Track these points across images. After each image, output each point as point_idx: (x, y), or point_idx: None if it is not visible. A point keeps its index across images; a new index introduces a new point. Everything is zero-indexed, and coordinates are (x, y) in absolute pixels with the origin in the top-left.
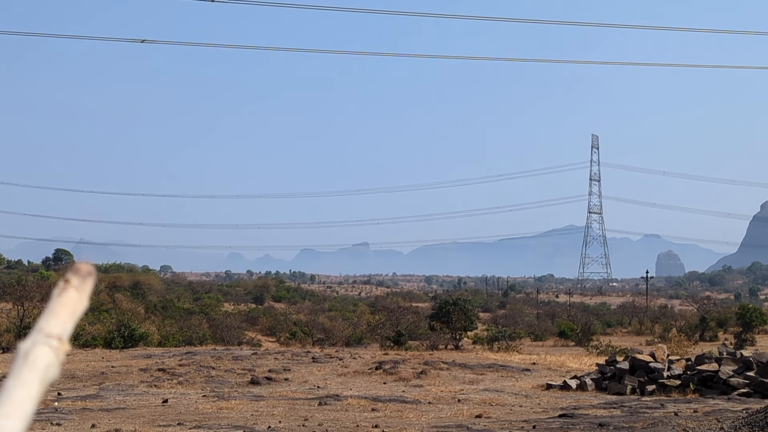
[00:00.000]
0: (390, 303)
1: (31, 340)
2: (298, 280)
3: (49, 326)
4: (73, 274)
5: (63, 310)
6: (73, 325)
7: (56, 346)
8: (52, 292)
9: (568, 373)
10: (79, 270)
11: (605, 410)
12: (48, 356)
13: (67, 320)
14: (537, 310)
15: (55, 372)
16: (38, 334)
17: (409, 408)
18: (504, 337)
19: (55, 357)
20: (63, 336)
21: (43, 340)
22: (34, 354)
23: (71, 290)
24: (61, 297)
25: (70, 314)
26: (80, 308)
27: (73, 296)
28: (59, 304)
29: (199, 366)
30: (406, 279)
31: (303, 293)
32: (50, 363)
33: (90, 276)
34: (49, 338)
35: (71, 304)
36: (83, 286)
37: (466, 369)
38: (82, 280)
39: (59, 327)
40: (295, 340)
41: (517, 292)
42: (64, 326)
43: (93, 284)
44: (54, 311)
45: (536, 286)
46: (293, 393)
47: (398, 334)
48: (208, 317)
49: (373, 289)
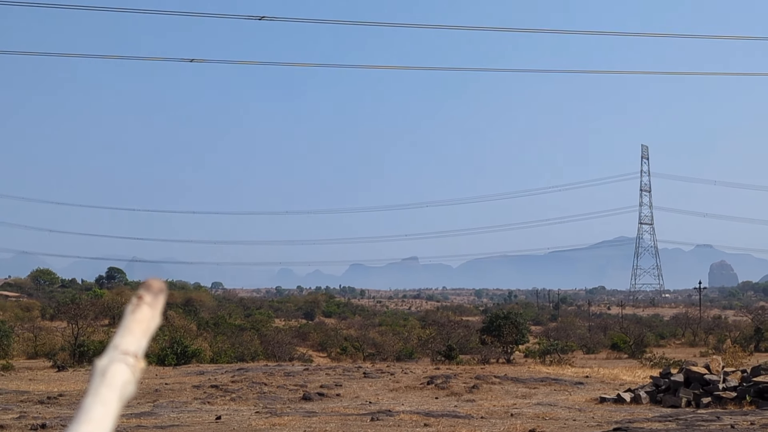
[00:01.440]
0: (440, 317)
1: (108, 358)
2: (348, 295)
3: (125, 343)
4: (145, 291)
5: (137, 327)
6: (147, 341)
7: (132, 364)
8: (125, 309)
9: (621, 386)
10: (151, 286)
11: (660, 423)
12: (125, 373)
13: (142, 337)
14: (589, 323)
15: (132, 389)
16: (114, 352)
17: (462, 423)
18: (556, 350)
19: (131, 374)
20: (138, 353)
21: (120, 357)
22: (111, 372)
23: (145, 307)
24: (134, 314)
25: (144, 331)
26: (153, 325)
27: (146, 313)
28: (133, 321)
29: (252, 382)
30: (456, 293)
31: (353, 308)
32: (127, 380)
33: (162, 292)
34: (125, 355)
35: (145, 320)
36: (156, 303)
37: (518, 383)
38: (155, 297)
39: (134, 344)
40: (346, 356)
41: (568, 305)
42: (139, 343)
43: (165, 300)
44: (129, 328)
45: (587, 298)
46: (345, 409)
47: (449, 348)
48: (260, 333)
49: (423, 303)
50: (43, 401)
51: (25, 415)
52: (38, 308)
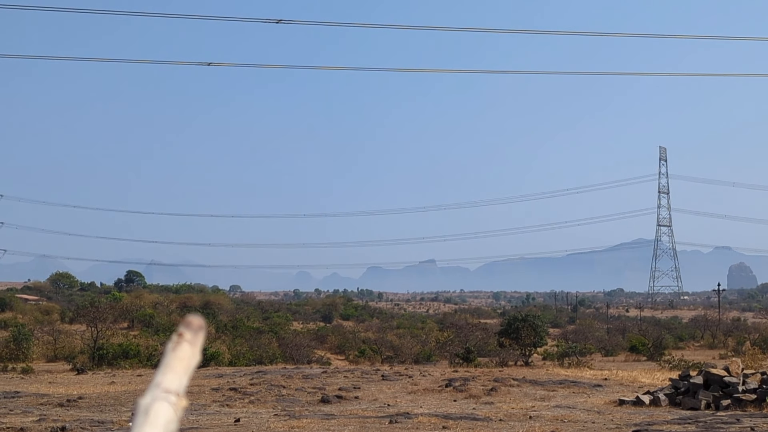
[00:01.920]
0: (458, 320)
1: (150, 396)
2: (366, 298)
3: (167, 381)
4: (185, 328)
5: (178, 364)
6: (187, 379)
7: (174, 402)
8: (165, 347)
9: (640, 388)
10: (191, 324)
11: (680, 426)
12: (168, 412)
13: (183, 375)
14: (607, 325)
15: (174, 428)
16: (156, 390)
17: (480, 425)
18: (574, 352)
19: (173, 413)
20: (180, 391)
21: (162, 396)
22: (154, 410)
23: (185, 344)
24: (175, 351)
25: (185, 369)
26: (193, 362)
27: (187, 350)
28: (174, 359)
29: (270, 385)
30: (474, 295)
31: (371, 311)
32: (170, 419)
33: (201, 330)
34: (167, 394)
35: (186, 358)
36: (195, 340)
37: (536, 385)
38: (195, 334)
39: (176, 382)
40: (364, 358)
41: (586, 307)
42: (180, 381)
43: (204, 338)
44: (170, 366)
45: (606, 300)
46: (363, 411)
47: (467, 350)
48: (278, 336)
49: (441, 306)
50: (63, 404)
51: (45, 417)
52: (58, 311)
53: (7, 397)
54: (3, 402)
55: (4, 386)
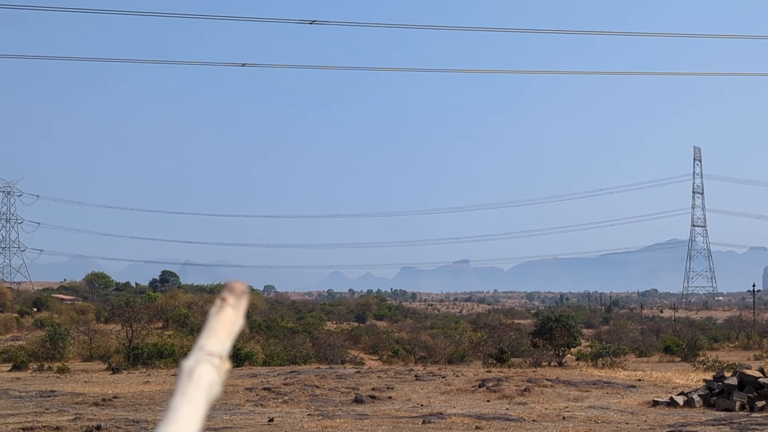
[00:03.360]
0: (492, 320)
1: (194, 358)
2: (400, 298)
3: (210, 344)
4: (229, 293)
5: (222, 328)
6: (231, 343)
7: (218, 365)
8: (209, 311)
9: (674, 389)
10: (234, 289)
11: (714, 427)
12: (211, 374)
13: (226, 339)
14: (641, 326)
15: (218, 390)
16: (200, 353)
17: (514, 426)
18: (608, 353)
19: (217, 375)
20: (223, 354)
21: (206, 358)
22: (198, 372)
23: (228, 309)
24: (219, 315)
25: (228, 332)
26: (237, 326)
27: (230, 315)
28: (218, 323)
29: (304, 385)
30: (508, 296)
31: (404, 311)
32: (213, 381)
33: (244, 295)
34: (211, 356)
35: (229, 322)
36: (239, 305)
37: (570, 386)
38: (238, 299)
39: (219, 345)
40: (398, 358)
41: (620, 308)
42: (223, 345)
43: (247, 303)
44: (213, 330)
45: (640, 301)
46: (397, 411)
47: (501, 351)
48: (312, 336)
49: (475, 306)
50: (98, 403)
51: (81, 416)
52: (93, 311)
53: (43, 396)
54: (39, 401)
55: (41, 385)
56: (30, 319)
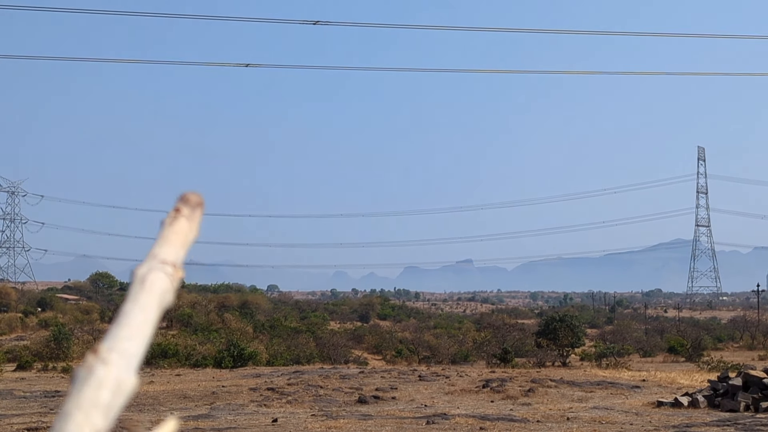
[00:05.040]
0: (495, 320)
1: (147, 266)
2: (403, 298)
3: (164, 253)
4: (183, 204)
5: (175, 238)
6: (185, 253)
7: (171, 273)
8: (163, 221)
9: (679, 389)
10: (189, 200)
11: (719, 428)
12: (164, 282)
13: (180, 248)
14: (645, 326)
15: (171, 298)
16: (153, 261)
17: (518, 427)
18: (612, 353)
19: (170, 283)
20: (177, 263)
21: (159, 266)
22: (150, 279)
23: (182, 219)
24: (172, 226)
25: (183, 243)
26: (191, 237)
27: (184, 225)
28: (172, 233)
29: (308, 385)
30: (511, 295)
31: (408, 311)
32: (166, 288)
33: (199, 206)
34: (164, 264)
35: (183, 232)
36: (193, 216)
37: (574, 386)
38: (192, 210)
39: (173, 254)
40: (401, 358)
41: (624, 308)
42: (177, 254)
43: (202, 214)
44: (167, 239)
45: (644, 301)
46: (401, 412)
47: (504, 351)
48: (315, 336)
49: (478, 306)
50: None
51: None
52: (97, 311)
53: (47, 397)
54: (44, 401)
55: (45, 385)
56: (34, 318)
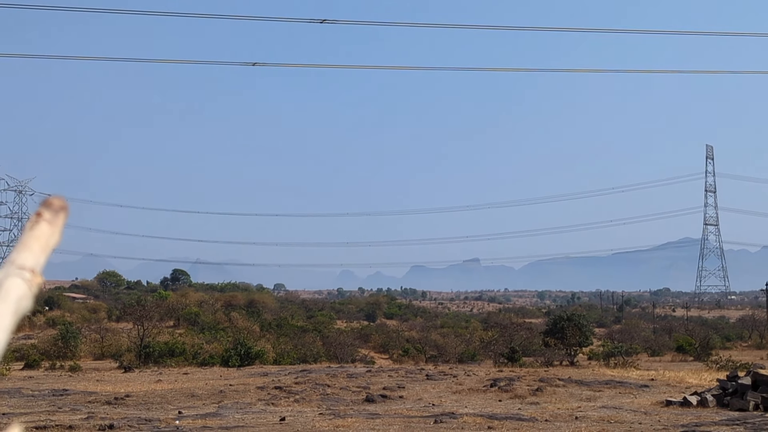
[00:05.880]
0: (502, 319)
1: (4, 272)
2: (410, 297)
3: (22, 259)
4: (45, 208)
5: (35, 243)
6: (45, 258)
7: (29, 278)
8: (24, 226)
9: (687, 389)
10: (51, 204)
11: (728, 427)
12: (21, 288)
13: (40, 253)
14: (653, 325)
15: (29, 304)
16: (11, 267)
17: (526, 426)
18: (620, 352)
19: (28, 289)
20: (36, 268)
21: (16, 272)
22: (6, 285)
23: (43, 224)
24: (33, 230)
25: (43, 247)
26: (52, 242)
27: (45, 230)
28: (31, 237)
29: (315, 384)
30: (518, 294)
31: (414, 310)
32: (23, 294)
33: (63, 210)
34: (22, 270)
35: (44, 237)
36: (56, 220)
37: (582, 386)
38: (55, 214)
39: (32, 260)
40: (408, 357)
41: (632, 307)
42: (37, 259)
43: (65, 219)
44: (27, 244)
45: (652, 300)
46: (408, 411)
47: (512, 350)
48: (322, 335)
49: (485, 305)
50: (111, 402)
51: (93, 415)
52: (105, 310)
53: (55, 395)
54: (52, 400)
55: (53, 384)
56: (42, 317)
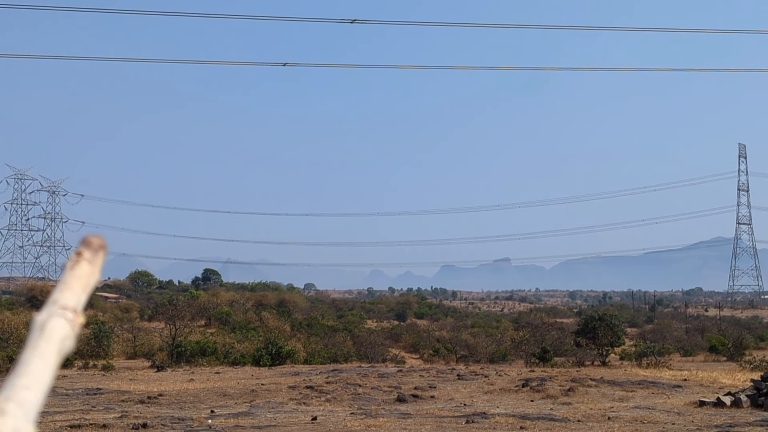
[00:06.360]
0: (534, 319)
1: (47, 312)
2: (440, 297)
3: (64, 299)
4: (85, 248)
5: (77, 282)
6: (86, 297)
7: (72, 318)
8: (65, 265)
9: (721, 389)
10: (91, 243)
11: (762, 428)
12: (64, 328)
13: (81, 293)
14: (686, 325)
15: (71, 344)
16: (53, 306)
17: (559, 426)
18: (652, 352)
19: (70, 329)
20: (77, 308)
21: (59, 312)
22: (50, 326)
23: (84, 263)
24: (74, 270)
25: (84, 287)
26: (93, 281)
27: (86, 269)
28: (73, 277)
29: (346, 383)
30: (549, 294)
31: (445, 310)
32: (66, 335)
33: (102, 249)
34: (64, 310)
35: (84, 277)
36: (95, 260)
37: (615, 386)
38: (94, 254)
39: (74, 299)
40: (439, 357)
41: (664, 307)
42: (78, 299)
43: (104, 257)
44: (68, 284)
45: (684, 300)
46: (440, 411)
47: (543, 350)
48: (352, 334)
49: (516, 304)
50: (144, 401)
51: (127, 414)
52: (137, 309)
53: (89, 394)
54: (86, 398)
55: (87, 383)
56: None
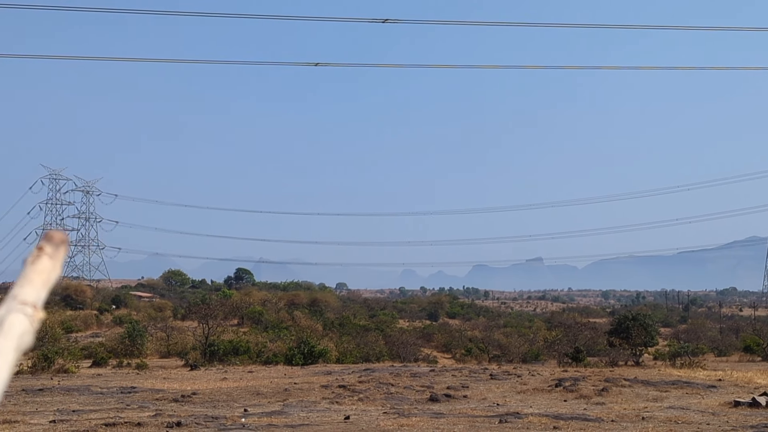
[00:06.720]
0: (566, 319)
1: (6, 308)
2: (472, 296)
3: (24, 294)
4: (46, 242)
5: (37, 277)
6: (47, 292)
7: (31, 314)
8: (25, 260)
9: (756, 389)
10: (52, 238)
11: None
12: (23, 323)
13: (41, 288)
14: (720, 325)
15: (30, 339)
16: (12, 302)
17: (592, 426)
18: (686, 352)
19: (29, 324)
20: (37, 303)
21: (18, 307)
22: (8, 322)
23: (45, 258)
24: (34, 265)
25: (44, 282)
26: (53, 276)
27: (46, 264)
28: (33, 272)
29: (379, 383)
30: (582, 294)
31: (477, 309)
32: (25, 330)
33: (63, 244)
34: (23, 306)
35: (45, 272)
36: (57, 254)
37: (648, 386)
38: (56, 248)
39: (33, 294)
40: (471, 357)
41: (698, 307)
42: (38, 294)
43: (66, 253)
44: (28, 279)
45: (718, 299)
46: (473, 410)
47: (576, 350)
48: (384, 334)
49: (548, 304)
50: (178, 399)
51: (161, 412)
52: (170, 308)
53: (124, 393)
54: (120, 397)
55: (121, 381)
56: (109, 316)
